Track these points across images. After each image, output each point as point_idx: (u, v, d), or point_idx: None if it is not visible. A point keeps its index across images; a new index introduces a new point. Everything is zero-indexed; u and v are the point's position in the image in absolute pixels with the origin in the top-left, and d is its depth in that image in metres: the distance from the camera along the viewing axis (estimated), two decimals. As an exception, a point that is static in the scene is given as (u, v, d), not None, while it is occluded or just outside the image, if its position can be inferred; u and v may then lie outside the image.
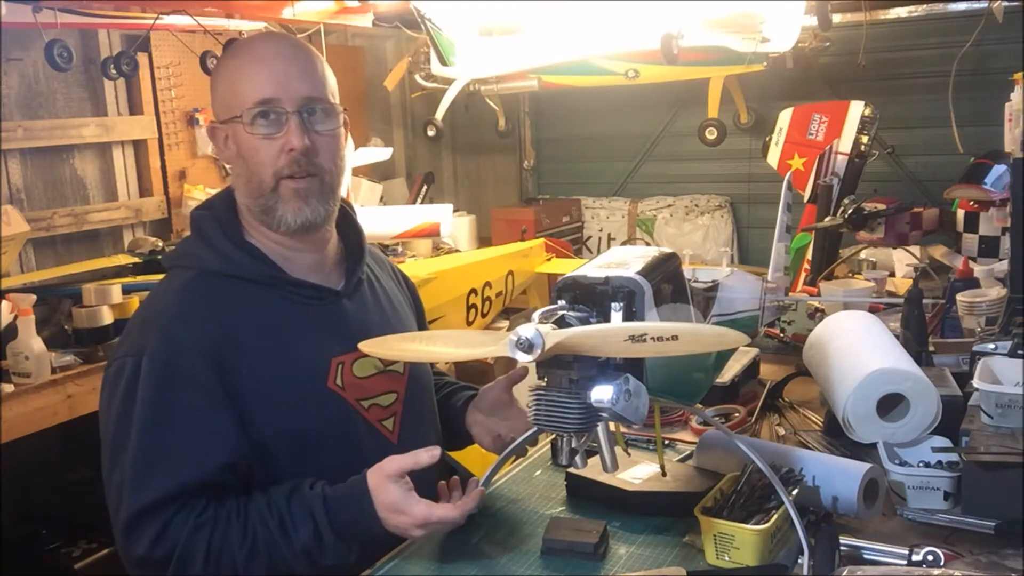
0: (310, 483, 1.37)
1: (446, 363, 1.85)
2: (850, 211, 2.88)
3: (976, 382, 1.51)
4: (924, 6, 4.41)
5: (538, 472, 1.71)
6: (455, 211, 4.74)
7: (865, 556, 1.29)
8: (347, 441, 1.46)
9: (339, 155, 1.48)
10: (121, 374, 1.36)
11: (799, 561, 1.26)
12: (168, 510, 1.30)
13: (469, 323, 3.65)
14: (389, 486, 1.32)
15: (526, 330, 1.12)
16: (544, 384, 1.22)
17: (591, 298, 1.25)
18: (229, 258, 1.44)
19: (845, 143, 3.44)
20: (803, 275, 3.30)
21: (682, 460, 1.71)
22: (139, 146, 3.86)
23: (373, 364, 1.50)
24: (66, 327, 2.98)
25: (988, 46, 4.06)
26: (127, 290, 3.05)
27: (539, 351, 1.12)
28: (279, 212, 1.43)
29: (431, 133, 4.84)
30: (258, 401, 1.38)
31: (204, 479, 1.32)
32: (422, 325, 1.76)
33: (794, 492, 1.34)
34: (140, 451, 1.31)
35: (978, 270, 2.49)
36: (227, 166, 4.09)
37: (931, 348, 1.95)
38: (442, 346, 1.39)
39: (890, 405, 1.59)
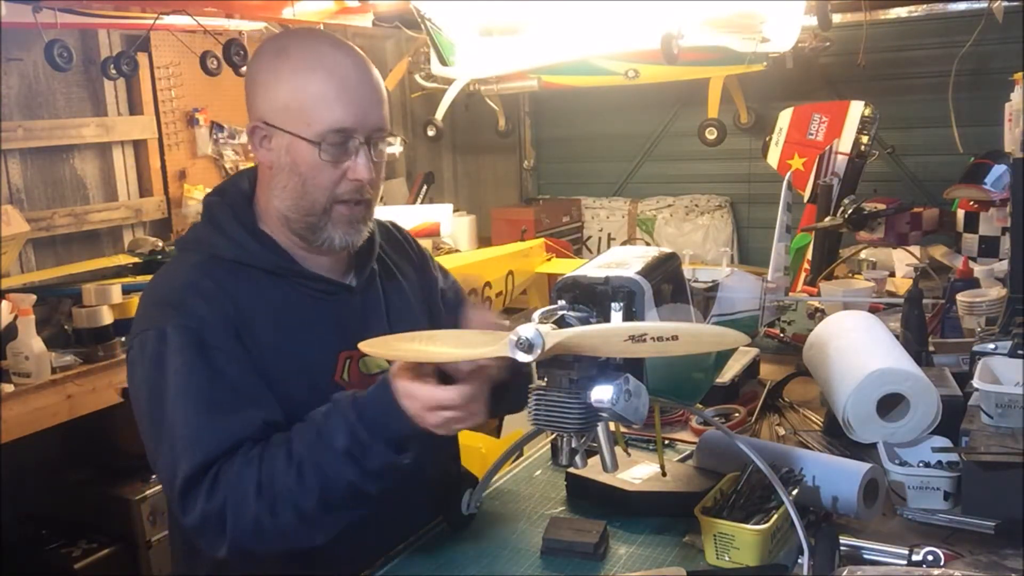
0: (345, 393, 1.33)
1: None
2: (850, 211, 2.88)
3: (976, 382, 1.51)
4: (924, 6, 4.42)
5: (538, 472, 1.71)
6: (455, 211, 4.75)
7: (865, 556, 1.29)
8: None
9: (383, 178, 1.49)
10: (144, 348, 1.34)
11: (799, 561, 1.26)
12: (218, 464, 1.27)
13: (469, 323, 3.64)
14: (404, 372, 1.27)
15: (526, 330, 1.12)
16: (544, 384, 1.22)
17: (591, 298, 1.25)
18: (241, 245, 1.42)
19: (845, 143, 3.44)
20: (803, 275, 3.30)
21: (682, 460, 1.70)
22: (139, 146, 3.86)
23: (380, 362, 1.49)
24: (66, 327, 2.99)
25: (988, 46, 4.06)
26: (127, 290, 3.05)
27: (539, 351, 1.12)
28: (327, 233, 1.42)
29: (431, 133, 4.84)
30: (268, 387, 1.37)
31: (252, 434, 1.30)
32: (431, 290, 1.70)
33: (794, 492, 1.34)
34: (184, 417, 1.29)
35: (978, 270, 2.49)
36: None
37: (931, 348, 1.95)
38: (442, 346, 1.39)
39: (890, 405, 1.60)
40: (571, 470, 1.57)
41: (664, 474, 1.52)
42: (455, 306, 1.71)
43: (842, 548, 1.27)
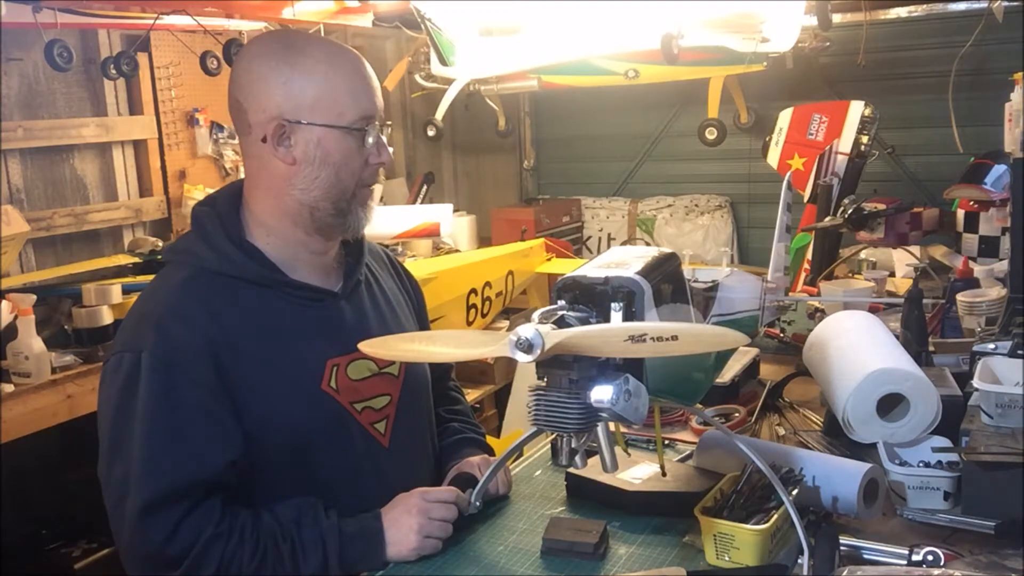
0: (323, 509, 1.38)
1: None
2: (850, 211, 2.88)
3: (976, 382, 1.51)
4: (924, 6, 4.41)
5: (538, 472, 1.71)
6: (455, 211, 4.74)
7: (865, 556, 1.29)
8: (340, 444, 1.47)
9: None
10: (119, 369, 1.36)
11: (799, 561, 1.26)
12: (180, 506, 1.30)
13: (469, 323, 3.65)
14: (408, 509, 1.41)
15: (526, 330, 1.12)
16: (544, 384, 1.22)
17: (591, 298, 1.25)
18: (227, 257, 1.44)
19: (845, 143, 3.44)
20: (803, 275, 3.30)
21: (682, 460, 1.71)
22: (139, 146, 3.86)
23: (368, 366, 1.50)
24: (66, 327, 2.99)
25: (988, 46, 4.06)
26: (127, 290, 3.05)
27: (539, 351, 1.12)
28: (353, 216, 1.48)
29: (431, 133, 4.84)
30: (253, 402, 1.39)
31: (212, 476, 1.33)
32: (423, 322, 1.76)
33: (794, 492, 1.34)
34: (147, 445, 1.31)
35: (978, 270, 2.49)
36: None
37: (931, 348, 1.95)
38: (442, 346, 1.39)
39: (890, 405, 1.60)
40: (571, 470, 1.57)
41: (664, 474, 1.52)
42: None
43: (842, 548, 1.27)
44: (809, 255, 3.28)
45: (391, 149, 1.52)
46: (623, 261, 1.32)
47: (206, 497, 1.33)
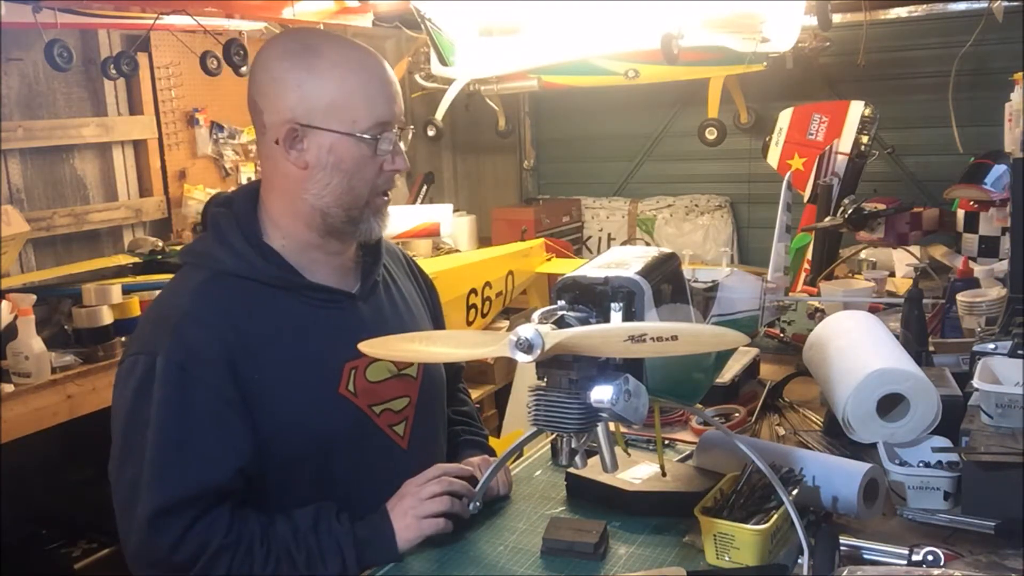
0: (335, 514, 1.38)
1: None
2: (850, 211, 2.88)
3: (976, 382, 1.51)
4: (924, 6, 4.41)
5: (538, 472, 1.71)
6: (455, 211, 4.74)
7: (865, 556, 1.29)
8: (357, 447, 1.46)
9: None
10: (133, 371, 1.35)
11: (799, 561, 1.26)
12: (188, 514, 1.30)
13: (469, 323, 3.65)
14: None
15: (526, 330, 1.12)
16: (544, 384, 1.22)
17: (591, 298, 1.25)
18: (244, 259, 1.42)
19: (845, 143, 3.44)
20: (803, 275, 3.30)
21: (682, 460, 1.70)
22: (139, 146, 3.86)
23: (387, 368, 1.49)
24: (66, 327, 2.99)
25: (988, 46, 4.06)
26: (127, 290, 3.05)
27: (539, 351, 1.12)
28: (366, 223, 1.46)
29: (431, 133, 4.84)
30: (269, 407, 1.38)
31: (222, 483, 1.32)
32: (438, 322, 1.75)
33: (794, 492, 1.34)
34: (158, 450, 1.30)
35: (978, 270, 2.49)
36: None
37: (931, 348, 1.95)
38: (442, 346, 1.39)
39: (890, 405, 1.59)
40: (571, 470, 1.57)
41: (664, 474, 1.52)
42: None
43: (842, 548, 1.27)
44: (809, 255, 3.28)
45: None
46: (623, 261, 1.32)
47: (215, 504, 1.32)
